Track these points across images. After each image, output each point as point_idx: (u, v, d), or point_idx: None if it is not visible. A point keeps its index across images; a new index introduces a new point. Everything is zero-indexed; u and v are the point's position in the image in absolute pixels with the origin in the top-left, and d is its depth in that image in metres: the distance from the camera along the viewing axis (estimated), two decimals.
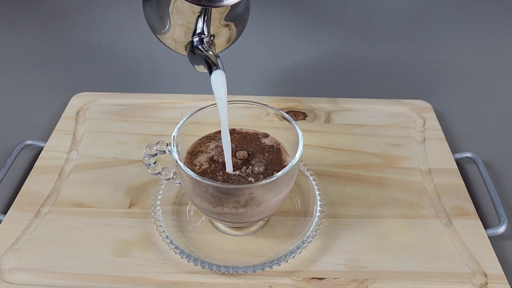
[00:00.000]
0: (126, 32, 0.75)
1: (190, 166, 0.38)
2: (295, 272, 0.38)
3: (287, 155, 0.39)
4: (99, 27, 0.75)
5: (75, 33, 0.74)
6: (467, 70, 0.67)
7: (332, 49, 0.71)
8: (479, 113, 0.59)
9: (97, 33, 0.74)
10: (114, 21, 0.75)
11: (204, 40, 0.37)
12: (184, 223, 0.42)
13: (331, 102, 0.58)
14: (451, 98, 0.62)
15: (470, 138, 0.55)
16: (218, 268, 0.36)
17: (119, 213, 0.43)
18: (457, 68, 0.67)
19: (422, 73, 0.67)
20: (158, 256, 0.39)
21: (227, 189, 0.33)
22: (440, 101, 0.60)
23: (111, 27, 0.75)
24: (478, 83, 0.65)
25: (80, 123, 0.55)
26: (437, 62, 0.69)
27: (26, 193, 0.46)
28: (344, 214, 0.44)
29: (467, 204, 0.45)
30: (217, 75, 0.34)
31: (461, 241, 0.41)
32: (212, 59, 0.35)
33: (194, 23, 0.36)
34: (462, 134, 0.56)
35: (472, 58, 0.69)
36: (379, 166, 0.49)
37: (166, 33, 0.38)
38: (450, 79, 0.66)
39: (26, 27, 0.75)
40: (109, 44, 0.72)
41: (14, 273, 0.38)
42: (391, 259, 0.39)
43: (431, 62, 0.69)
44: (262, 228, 0.42)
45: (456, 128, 0.56)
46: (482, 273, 0.38)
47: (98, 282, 0.37)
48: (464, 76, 0.66)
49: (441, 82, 0.65)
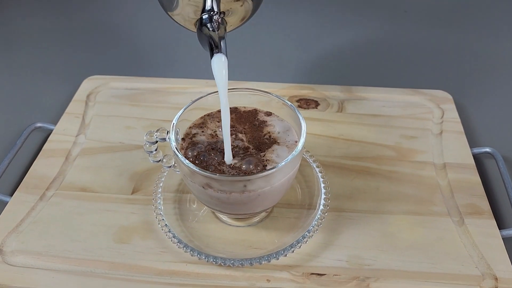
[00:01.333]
0: (139, 15, 0.75)
1: (188, 153, 0.37)
2: (294, 267, 0.38)
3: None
4: (112, 10, 0.75)
5: (88, 15, 0.75)
6: (494, 61, 0.64)
7: (353, 36, 0.69)
8: (503, 107, 0.56)
9: (109, 16, 0.75)
10: (127, 4, 0.75)
11: (213, 17, 0.35)
12: (185, 211, 0.42)
13: (345, 91, 0.57)
14: (474, 89, 0.59)
15: (491, 132, 0.53)
16: (214, 260, 0.36)
17: (122, 199, 0.44)
18: (484, 58, 0.64)
19: (445, 62, 0.64)
20: (157, 244, 0.39)
21: (223, 180, 0.33)
22: (462, 92, 0.58)
23: (124, 10, 0.75)
24: (505, 75, 0.62)
25: (90, 106, 0.56)
26: (462, 50, 0.66)
27: (33, 176, 0.47)
28: (350, 208, 0.43)
29: (482, 202, 0.43)
30: (218, 59, 0.33)
31: (472, 241, 0.40)
32: (215, 40, 0.34)
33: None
34: (482, 128, 0.53)
35: (501, 48, 0.66)
36: (391, 159, 0.48)
37: (175, 9, 0.36)
38: (475, 69, 0.63)
39: (38, 10, 0.76)
40: (122, 28, 0.72)
41: (16, 255, 0.39)
42: (396, 258, 0.38)
43: (456, 50, 0.66)
44: (264, 220, 0.41)
45: (476, 122, 0.54)
46: (492, 276, 0.37)
47: (95, 268, 0.38)
48: (490, 67, 0.63)
49: (465, 72, 0.62)
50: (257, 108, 0.41)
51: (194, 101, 0.39)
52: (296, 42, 0.68)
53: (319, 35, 0.68)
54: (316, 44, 0.67)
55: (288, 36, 0.69)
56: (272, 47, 0.68)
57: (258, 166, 0.35)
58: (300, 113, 0.37)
